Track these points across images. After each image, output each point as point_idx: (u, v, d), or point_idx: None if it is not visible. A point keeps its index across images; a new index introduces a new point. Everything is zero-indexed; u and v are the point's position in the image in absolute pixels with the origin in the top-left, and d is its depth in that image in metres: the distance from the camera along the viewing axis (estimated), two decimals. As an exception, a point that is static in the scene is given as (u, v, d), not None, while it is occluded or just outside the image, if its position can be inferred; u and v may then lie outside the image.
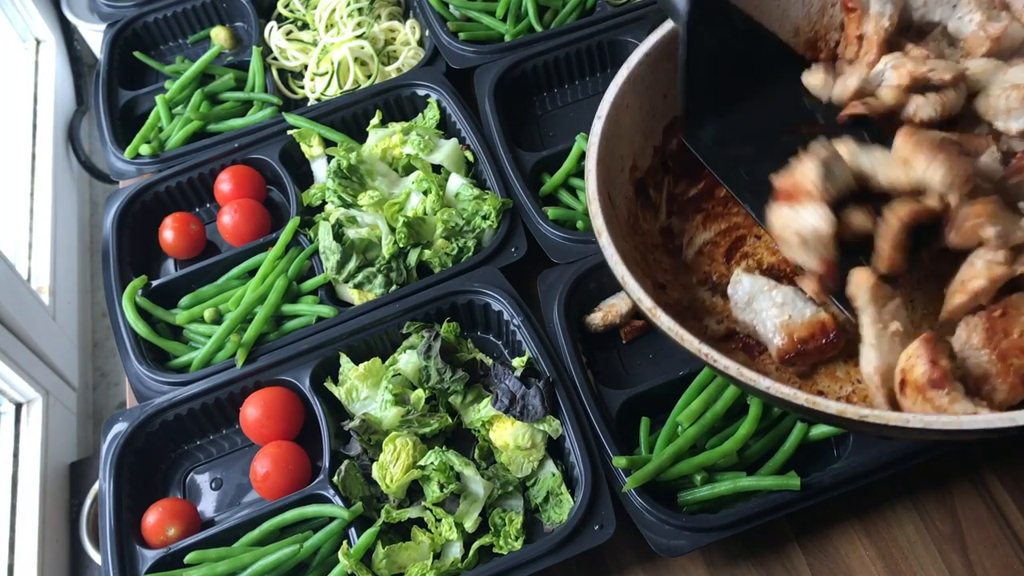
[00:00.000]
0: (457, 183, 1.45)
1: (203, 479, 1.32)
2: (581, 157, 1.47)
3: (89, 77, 3.05)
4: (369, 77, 1.67)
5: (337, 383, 1.30)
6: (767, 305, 1.10)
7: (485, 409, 1.25)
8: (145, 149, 1.58)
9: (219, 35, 1.76)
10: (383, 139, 1.53)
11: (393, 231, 1.40)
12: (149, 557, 1.19)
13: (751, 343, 1.18)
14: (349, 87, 1.68)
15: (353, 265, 1.38)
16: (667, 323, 0.99)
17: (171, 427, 1.31)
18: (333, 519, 1.18)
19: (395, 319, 1.33)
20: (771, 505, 1.11)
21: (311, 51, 1.71)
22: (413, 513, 1.19)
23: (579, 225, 1.41)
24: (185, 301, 1.43)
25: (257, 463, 1.25)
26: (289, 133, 1.56)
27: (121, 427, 1.28)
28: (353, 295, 1.40)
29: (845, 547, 1.17)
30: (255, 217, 1.50)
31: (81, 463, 2.26)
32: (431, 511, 1.18)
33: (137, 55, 1.76)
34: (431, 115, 1.58)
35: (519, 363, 1.26)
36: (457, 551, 1.17)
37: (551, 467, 1.21)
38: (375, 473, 1.20)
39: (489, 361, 1.31)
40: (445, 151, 1.48)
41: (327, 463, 1.22)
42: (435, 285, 1.35)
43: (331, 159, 1.51)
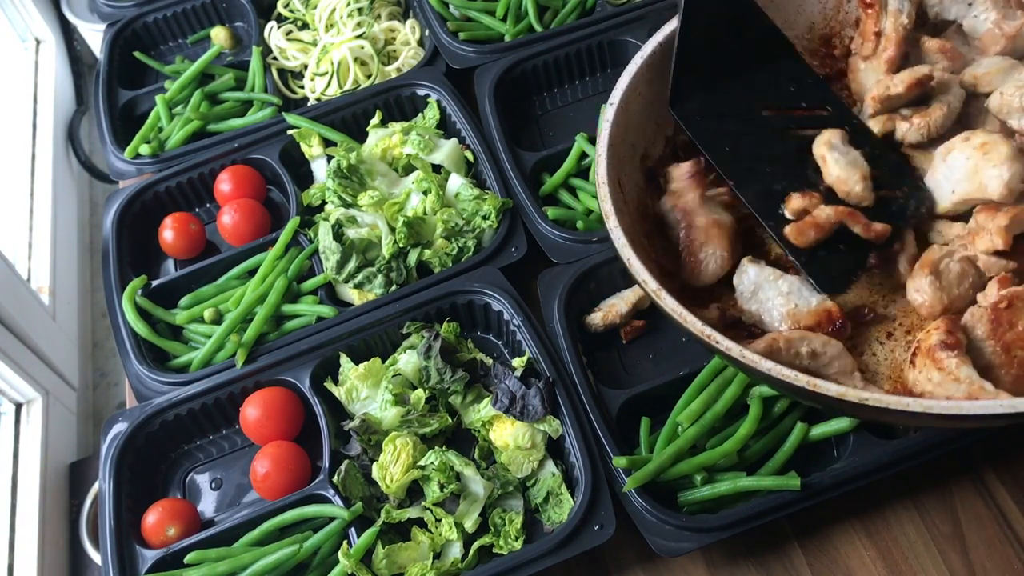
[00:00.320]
0: (457, 183, 1.45)
1: (203, 479, 1.32)
2: (581, 157, 1.47)
3: (89, 77, 3.05)
4: (369, 77, 1.67)
5: (337, 383, 1.30)
6: (773, 294, 1.10)
7: (485, 409, 1.25)
8: (145, 149, 1.58)
9: (219, 35, 1.76)
10: (383, 139, 1.52)
11: (393, 231, 1.40)
12: (149, 557, 1.19)
13: (757, 332, 1.17)
14: (349, 87, 1.67)
15: (353, 265, 1.38)
16: (671, 304, 0.99)
17: (171, 427, 1.31)
18: (333, 519, 1.18)
19: (395, 319, 1.33)
20: (771, 505, 1.11)
21: (311, 51, 1.71)
22: (413, 513, 1.19)
23: (579, 225, 1.41)
24: (185, 301, 1.43)
25: (257, 463, 1.25)
26: (289, 133, 1.56)
27: (121, 427, 1.28)
28: (353, 295, 1.40)
29: (845, 547, 1.17)
30: (255, 217, 1.50)
31: (81, 463, 2.26)
32: (431, 511, 1.18)
33: (137, 55, 1.76)
34: (431, 115, 1.58)
35: (519, 363, 1.26)
36: (457, 551, 1.17)
37: (551, 467, 1.21)
38: (375, 473, 1.20)
39: (489, 361, 1.31)
40: (445, 151, 1.48)
41: (327, 463, 1.22)
42: (435, 285, 1.35)
43: (331, 159, 1.51)
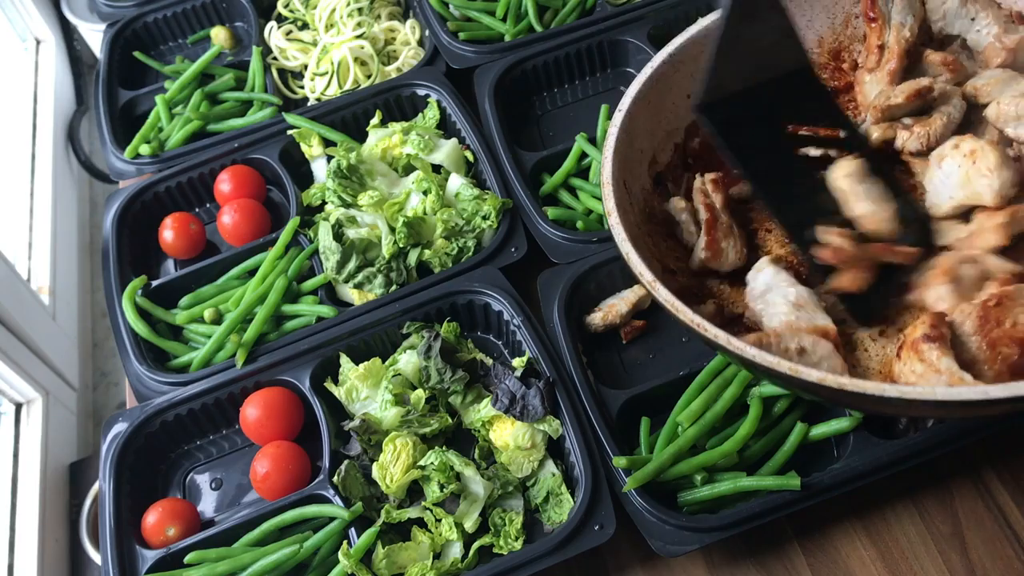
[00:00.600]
0: (457, 183, 1.45)
1: (203, 479, 1.32)
2: (581, 157, 1.48)
3: (89, 77, 3.05)
4: (369, 77, 1.67)
5: (337, 383, 1.30)
6: (779, 300, 1.11)
7: (485, 409, 1.25)
8: (145, 149, 1.58)
9: (219, 35, 1.76)
10: (383, 139, 1.52)
11: (393, 231, 1.40)
12: (149, 557, 1.19)
13: (753, 330, 1.17)
14: (349, 87, 1.67)
15: (353, 265, 1.38)
16: (665, 295, 1.03)
17: (171, 427, 1.31)
18: (333, 519, 1.18)
19: (395, 319, 1.33)
20: (771, 505, 1.11)
21: (311, 51, 1.71)
22: (413, 513, 1.19)
23: (579, 225, 1.41)
24: (185, 301, 1.42)
25: (257, 463, 1.25)
26: (289, 133, 1.56)
27: (121, 427, 1.28)
28: (353, 295, 1.40)
29: (845, 547, 1.17)
30: (255, 217, 1.50)
31: (81, 463, 2.26)
32: (431, 511, 1.18)
33: (137, 55, 1.76)
34: (431, 115, 1.58)
35: (519, 363, 1.26)
36: (457, 551, 1.17)
37: (551, 467, 1.21)
38: (375, 473, 1.20)
39: (489, 361, 1.31)
40: (445, 151, 1.48)
41: (327, 463, 1.22)
42: (435, 285, 1.35)
43: (331, 159, 1.51)
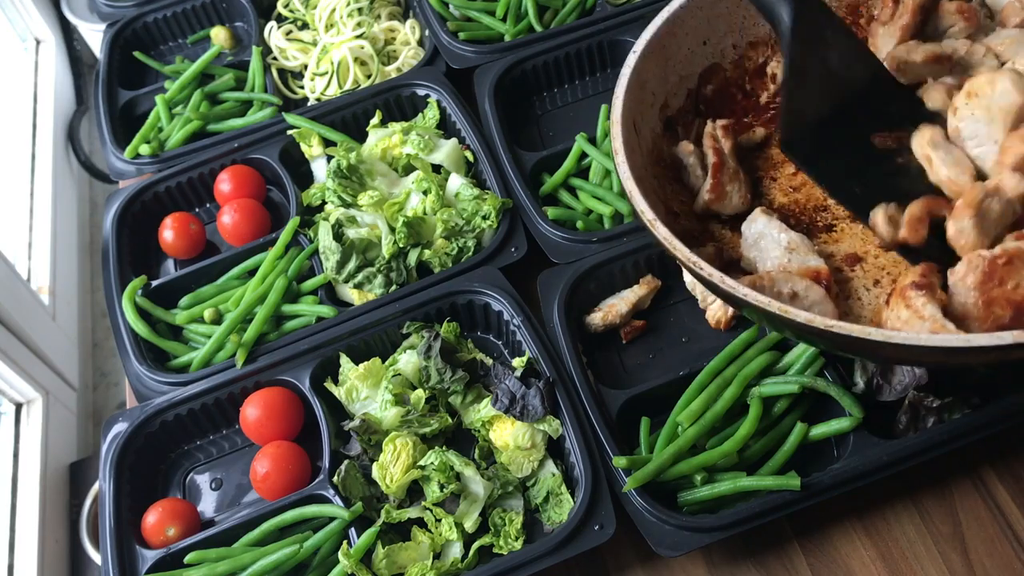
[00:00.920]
0: (457, 183, 1.45)
1: (203, 479, 1.32)
2: (581, 157, 1.47)
3: (89, 77, 3.05)
4: (369, 77, 1.67)
5: (337, 383, 1.30)
6: (772, 245, 1.11)
7: (485, 409, 1.25)
8: (145, 149, 1.58)
9: (219, 35, 1.76)
10: (383, 139, 1.52)
11: (393, 231, 1.40)
12: (149, 557, 1.19)
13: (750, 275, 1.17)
14: (349, 87, 1.67)
15: (353, 265, 1.38)
16: (663, 233, 1.02)
17: (171, 427, 1.31)
18: (333, 519, 1.18)
19: (395, 319, 1.33)
20: (771, 505, 1.11)
21: (311, 51, 1.71)
22: (413, 513, 1.19)
23: (579, 225, 1.41)
24: (185, 301, 1.42)
25: (257, 463, 1.25)
26: (289, 133, 1.56)
27: (121, 427, 1.28)
28: (353, 295, 1.40)
29: (845, 547, 1.17)
30: (255, 217, 1.50)
31: (81, 463, 2.26)
32: (431, 511, 1.18)
33: (137, 55, 1.76)
34: (431, 115, 1.58)
35: (519, 363, 1.26)
36: (457, 551, 1.17)
37: (551, 467, 1.21)
38: (375, 473, 1.20)
39: (489, 361, 1.31)
40: (445, 151, 1.48)
41: (327, 463, 1.22)
42: (435, 285, 1.35)
43: (331, 159, 1.51)
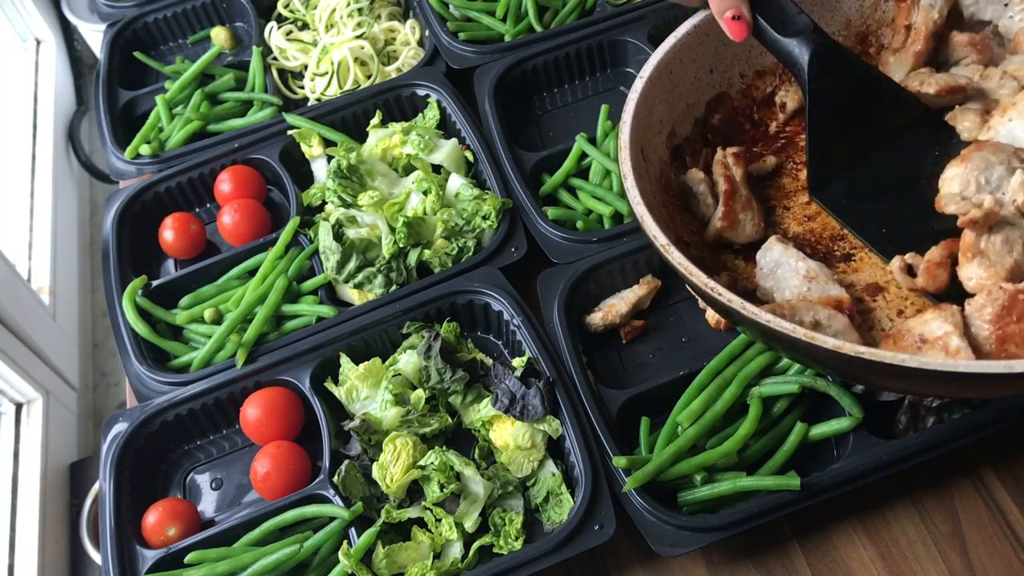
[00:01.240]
0: (457, 183, 1.45)
1: (203, 479, 1.32)
2: (581, 157, 1.48)
3: (89, 77, 3.05)
4: (369, 77, 1.67)
5: (337, 383, 1.30)
6: (790, 274, 1.09)
7: (485, 409, 1.25)
8: (145, 149, 1.58)
9: (219, 35, 1.76)
10: (383, 139, 1.52)
11: (393, 231, 1.40)
12: (149, 557, 1.19)
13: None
14: (349, 87, 1.67)
15: (353, 265, 1.38)
16: (678, 259, 0.99)
17: (171, 427, 1.31)
18: (333, 519, 1.18)
19: (395, 319, 1.33)
20: (771, 505, 1.11)
21: (311, 51, 1.71)
22: (413, 513, 1.19)
23: (579, 225, 1.41)
24: (185, 301, 1.42)
25: (257, 463, 1.25)
26: (289, 133, 1.56)
27: (121, 427, 1.28)
28: (353, 295, 1.40)
29: (845, 547, 1.17)
30: (255, 217, 1.50)
31: (81, 463, 2.26)
32: (431, 511, 1.18)
33: (137, 55, 1.76)
34: (431, 115, 1.58)
35: (519, 363, 1.26)
36: (457, 551, 1.17)
37: (551, 467, 1.21)
38: (375, 473, 1.20)
39: (489, 361, 1.31)
40: (445, 151, 1.48)
41: (327, 463, 1.22)
42: (435, 285, 1.35)
43: (331, 159, 1.51)
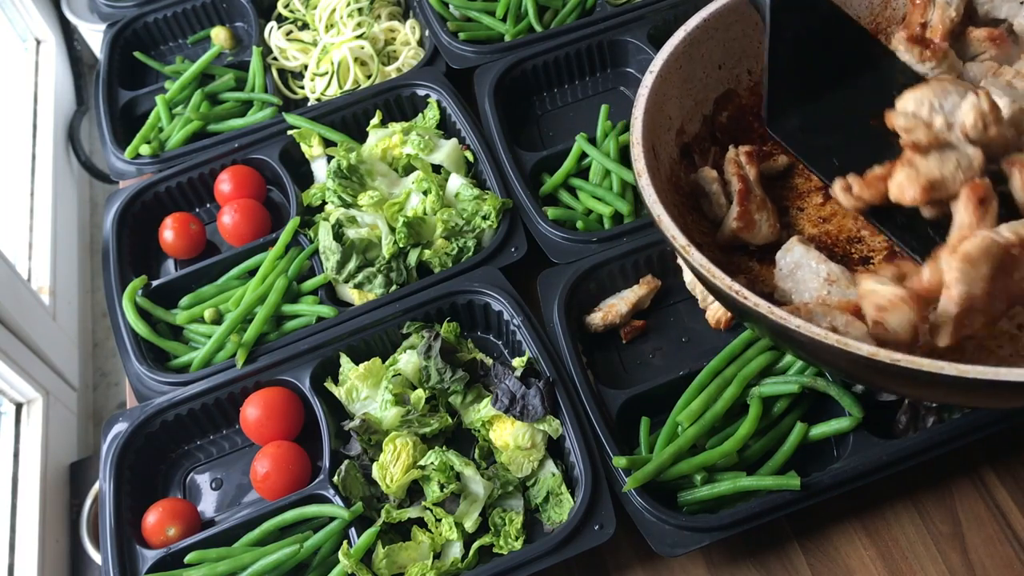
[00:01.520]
0: (457, 183, 1.45)
1: (203, 479, 1.32)
2: (581, 157, 1.48)
3: (89, 77, 3.05)
4: (369, 77, 1.67)
5: (337, 383, 1.30)
6: (810, 276, 1.08)
7: (485, 409, 1.25)
8: (145, 149, 1.58)
9: (219, 35, 1.76)
10: (383, 139, 1.53)
11: (393, 231, 1.40)
12: (149, 557, 1.19)
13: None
14: (349, 87, 1.67)
15: (353, 265, 1.38)
16: (699, 260, 0.98)
17: (171, 427, 1.31)
18: (333, 519, 1.18)
19: (395, 319, 1.33)
20: (771, 505, 1.11)
21: (311, 51, 1.71)
22: (413, 513, 1.19)
23: (579, 225, 1.41)
24: (185, 301, 1.43)
25: (257, 463, 1.25)
26: (289, 133, 1.56)
27: (121, 427, 1.28)
28: (353, 295, 1.40)
29: (845, 547, 1.17)
30: (255, 217, 1.50)
31: (81, 463, 2.26)
32: (431, 511, 1.18)
33: (137, 55, 1.76)
34: (431, 115, 1.58)
35: (519, 363, 1.26)
36: (457, 551, 1.17)
37: (551, 467, 1.21)
38: (375, 473, 1.20)
39: (489, 361, 1.31)
40: (445, 151, 1.48)
41: (327, 463, 1.22)
42: (435, 285, 1.35)
43: (331, 159, 1.51)
